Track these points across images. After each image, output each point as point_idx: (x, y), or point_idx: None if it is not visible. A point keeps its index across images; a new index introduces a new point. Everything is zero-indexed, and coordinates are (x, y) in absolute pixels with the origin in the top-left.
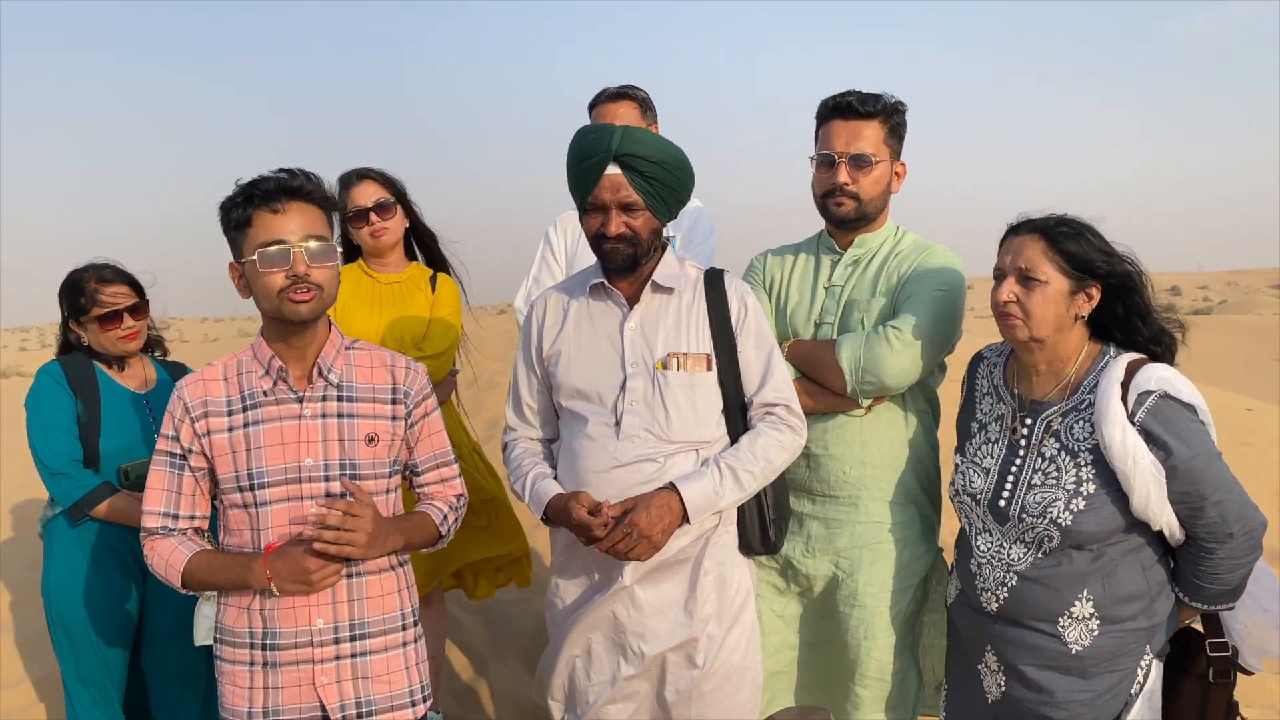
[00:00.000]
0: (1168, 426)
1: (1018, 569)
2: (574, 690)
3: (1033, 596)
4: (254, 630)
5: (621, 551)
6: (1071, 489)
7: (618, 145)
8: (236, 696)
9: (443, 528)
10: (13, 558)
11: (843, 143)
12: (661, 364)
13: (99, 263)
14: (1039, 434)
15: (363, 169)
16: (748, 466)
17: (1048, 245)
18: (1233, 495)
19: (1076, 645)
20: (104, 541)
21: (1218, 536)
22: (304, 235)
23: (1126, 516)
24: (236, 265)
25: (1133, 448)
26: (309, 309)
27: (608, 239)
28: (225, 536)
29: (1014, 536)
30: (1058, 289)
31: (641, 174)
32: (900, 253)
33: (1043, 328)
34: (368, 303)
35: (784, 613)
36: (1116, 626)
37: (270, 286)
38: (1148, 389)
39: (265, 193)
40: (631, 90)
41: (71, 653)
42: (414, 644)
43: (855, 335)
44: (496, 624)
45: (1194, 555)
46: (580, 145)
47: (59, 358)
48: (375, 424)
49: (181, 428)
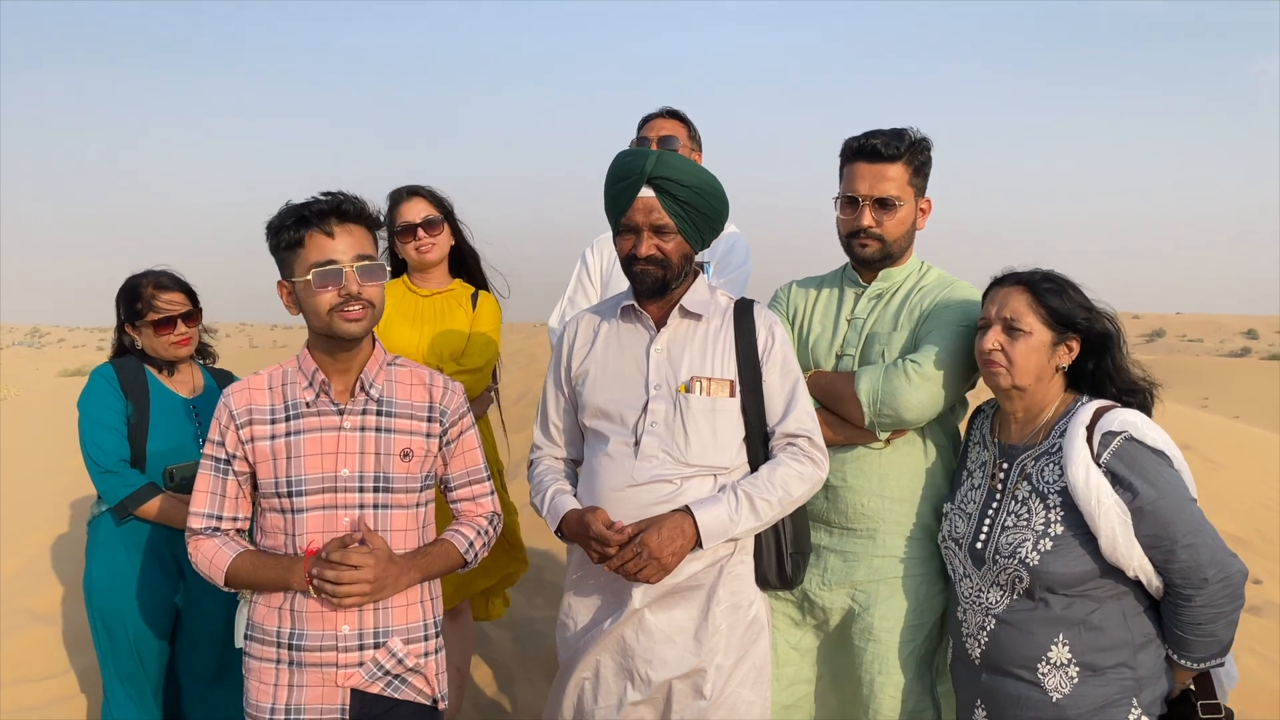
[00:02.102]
0: (1133, 468)
1: (995, 612)
2: (581, 713)
3: (1009, 641)
4: (282, 629)
5: (630, 571)
6: (1040, 530)
7: (652, 168)
8: (261, 693)
9: (468, 554)
10: (69, 553)
11: (867, 185)
12: (684, 387)
13: (157, 269)
14: (1014, 478)
15: (414, 186)
16: (765, 495)
17: (1032, 298)
18: (1204, 539)
19: (1056, 693)
20: (147, 541)
21: (1193, 582)
22: (355, 256)
23: (1098, 561)
24: (286, 283)
25: (1096, 488)
26: (360, 327)
27: (638, 260)
28: (260, 538)
29: (990, 579)
30: (1040, 340)
31: (675, 198)
32: (924, 287)
33: (1025, 376)
34: (410, 317)
35: (799, 645)
36: (1098, 676)
37: (323, 305)
38: (1111, 430)
39: (318, 214)
40: (682, 113)
41: (110, 648)
42: (435, 655)
43: (874, 368)
44: (524, 640)
45: (1174, 605)
46: (617, 166)
47: (113, 360)
48: (411, 440)
49: (227, 434)
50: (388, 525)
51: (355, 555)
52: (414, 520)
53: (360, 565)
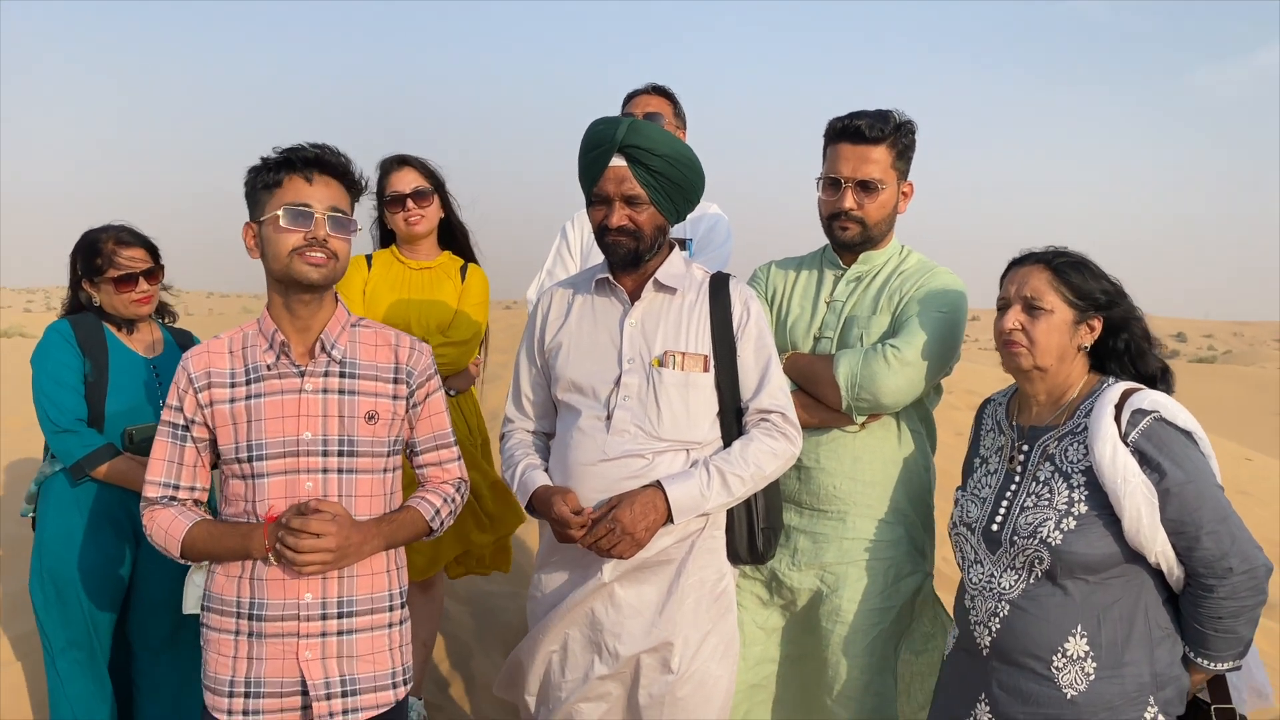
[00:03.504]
0: (1161, 448)
1: (1009, 597)
2: (548, 685)
3: (1024, 627)
4: (241, 599)
5: (604, 548)
6: (1063, 509)
7: (624, 136)
8: (220, 665)
9: (434, 522)
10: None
11: (850, 167)
12: (658, 361)
13: (117, 225)
14: (1035, 459)
15: (405, 155)
16: (737, 471)
17: (1052, 275)
18: (1230, 528)
19: (1071, 690)
20: (101, 503)
21: (1216, 571)
22: (329, 206)
23: (1121, 545)
24: (253, 225)
25: (1123, 466)
26: (319, 274)
27: (610, 231)
28: (224, 505)
29: (1005, 563)
30: (1062, 318)
31: (647, 168)
32: (904, 272)
33: (1046, 356)
34: (397, 287)
35: (766, 625)
36: (1115, 672)
37: (286, 244)
38: (1141, 408)
39: (301, 160)
40: (668, 89)
41: (60, 612)
42: (399, 626)
43: (853, 352)
44: (483, 615)
45: (1195, 596)
46: (589, 135)
47: (68, 316)
48: (376, 402)
49: (185, 398)
50: (352, 490)
51: (316, 522)
52: (380, 486)
53: (322, 532)
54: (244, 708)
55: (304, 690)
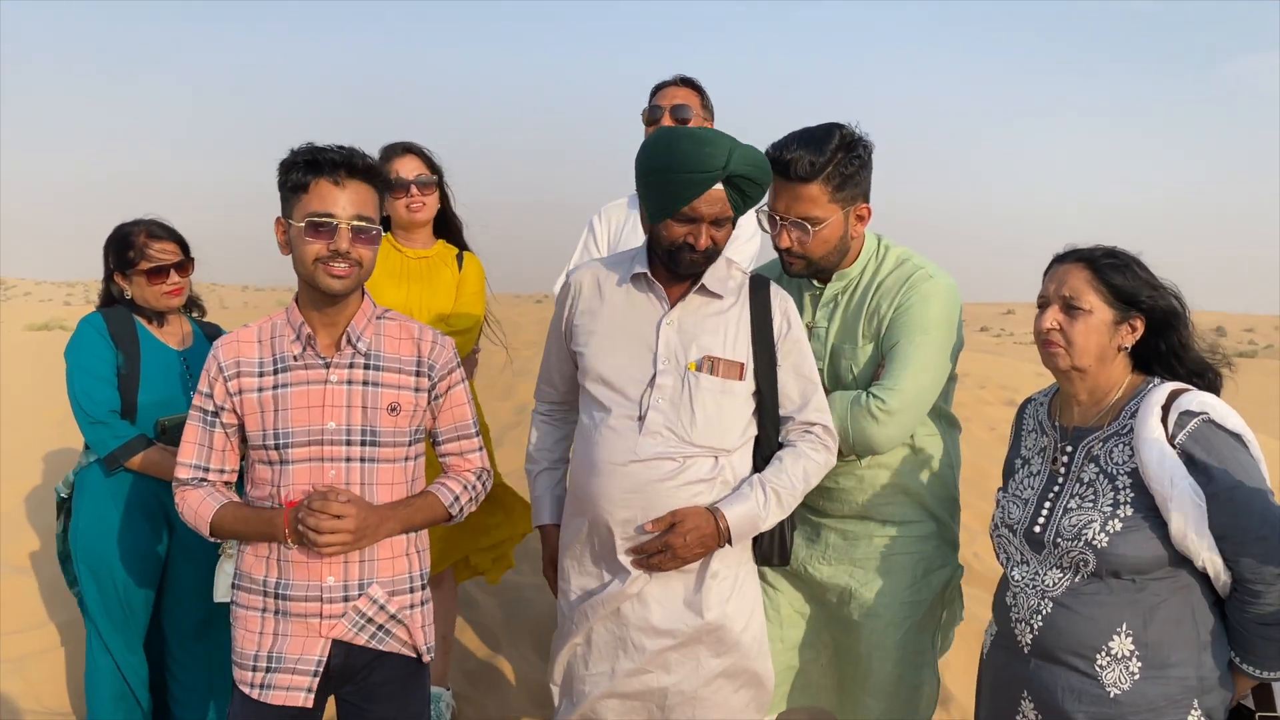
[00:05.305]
0: (1210, 451)
1: (1053, 594)
2: (571, 678)
3: (1068, 625)
4: (269, 578)
5: (650, 564)
6: (1109, 511)
7: (733, 166)
8: (246, 640)
9: (453, 508)
10: (44, 504)
11: (783, 205)
12: (695, 365)
13: (148, 218)
14: (1080, 461)
15: (409, 143)
16: (790, 487)
17: (1092, 275)
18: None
19: (1114, 688)
20: (135, 493)
21: (1264, 577)
22: (354, 214)
23: (1168, 548)
24: (283, 221)
25: (1171, 469)
26: (342, 285)
27: (692, 250)
28: (250, 489)
29: (1050, 563)
30: (1101, 319)
31: (742, 192)
32: (882, 284)
33: (1084, 357)
34: (395, 276)
35: (803, 611)
36: (1160, 673)
37: (310, 254)
38: (1189, 410)
39: (330, 162)
40: (695, 80)
41: (99, 598)
42: (421, 607)
43: (843, 398)
44: (511, 606)
45: (1241, 601)
46: (685, 156)
47: (101, 309)
48: (399, 394)
49: (215, 386)
50: (374, 479)
51: (336, 505)
52: (401, 474)
53: (342, 514)
54: (262, 681)
55: (315, 669)
